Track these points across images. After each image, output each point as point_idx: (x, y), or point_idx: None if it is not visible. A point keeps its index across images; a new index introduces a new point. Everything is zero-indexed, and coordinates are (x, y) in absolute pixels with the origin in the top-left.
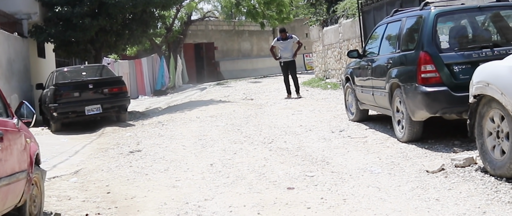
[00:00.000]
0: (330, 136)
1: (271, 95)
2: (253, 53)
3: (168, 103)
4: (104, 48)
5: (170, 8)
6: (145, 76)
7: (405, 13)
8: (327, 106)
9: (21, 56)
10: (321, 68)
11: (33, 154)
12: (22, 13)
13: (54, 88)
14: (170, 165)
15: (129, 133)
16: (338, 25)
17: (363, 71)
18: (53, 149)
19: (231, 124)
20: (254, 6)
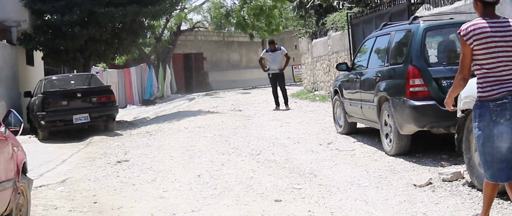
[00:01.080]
0: (318, 149)
1: (260, 106)
2: (242, 64)
3: (156, 113)
4: (93, 57)
5: (160, 18)
6: (134, 85)
7: (394, 27)
8: (315, 119)
9: (10, 64)
10: (310, 80)
11: (20, 163)
12: (11, 20)
13: (42, 96)
14: (158, 175)
15: (116, 142)
16: (327, 38)
17: (351, 84)
18: (40, 158)
19: (219, 135)
20: (243, 17)
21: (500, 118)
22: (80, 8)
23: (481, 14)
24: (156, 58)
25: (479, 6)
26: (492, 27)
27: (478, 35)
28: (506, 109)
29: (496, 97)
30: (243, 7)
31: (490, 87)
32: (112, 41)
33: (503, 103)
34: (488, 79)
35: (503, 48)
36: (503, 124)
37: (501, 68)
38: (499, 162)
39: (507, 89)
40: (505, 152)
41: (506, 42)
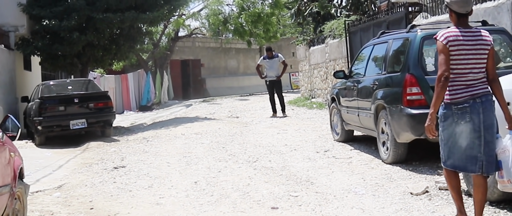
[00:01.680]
0: (315, 156)
1: (257, 113)
2: (239, 71)
3: (153, 119)
4: (90, 62)
5: (158, 24)
6: (131, 91)
7: (391, 35)
8: (312, 126)
9: (7, 69)
10: (307, 88)
11: (17, 168)
12: (9, 25)
13: (39, 102)
14: (154, 182)
15: (113, 148)
16: (324, 45)
17: (349, 92)
18: (36, 163)
19: (216, 142)
20: (241, 24)
21: (461, 120)
22: (78, 13)
23: (455, 24)
24: (153, 64)
25: (454, 17)
26: (464, 36)
27: (452, 41)
28: (466, 112)
29: (458, 101)
30: (241, 14)
31: (455, 91)
32: (110, 46)
33: (464, 107)
34: (455, 83)
35: (473, 55)
36: (463, 125)
37: (469, 73)
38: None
39: (470, 94)
40: (464, 149)
41: (476, 50)
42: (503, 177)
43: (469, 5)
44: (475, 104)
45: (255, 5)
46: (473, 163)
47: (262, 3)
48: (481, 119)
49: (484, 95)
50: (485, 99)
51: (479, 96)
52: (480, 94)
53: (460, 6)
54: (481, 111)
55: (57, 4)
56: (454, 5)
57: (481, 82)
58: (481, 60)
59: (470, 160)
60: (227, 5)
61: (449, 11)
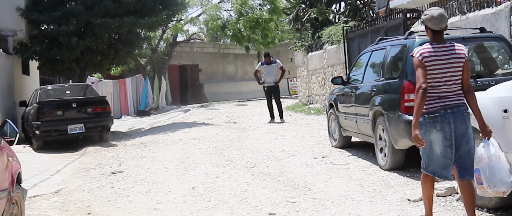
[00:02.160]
0: (312, 162)
1: (255, 119)
2: (237, 76)
3: (151, 124)
4: (89, 67)
5: (156, 29)
6: (129, 96)
7: (389, 42)
8: (310, 132)
9: (5, 73)
10: (305, 93)
11: (14, 173)
12: (7, 29)
13: (37, 106)
14: (152, 187)
15: (111, 153)
16: (322, 51)
17: (346, 98)
18: (34, 168)
19: (213, 147)
20: (239, 29)
21: (432, 129)
22: (77, 18)
23: (431, 39)
24: (151, 69)
25: (429, 33)
26: (437, 51)
27: (426, 57)
28: (437, 121)
29: (430, 110)
30: (239, 19)
31: (428, 102)
32: (108, 51)
33: (435, 116)
34: (429, 94)
35: (447, 69)
36: (435, 133)
37: (442, 86)
38: (436, 163)
39: (441, 104)
40: (439, 155)
41: (450, 63)
42: (483, 183)
43: (443, 22)
44: (445, 114)
45: (254, 10)
46: (447, 170)
47: (261, 9)
48: (452, 129)
49: (456, 106)
50: (457, 110)
51: (450, 106)
52: (452, 105)
53: (435, 23)
54: (451, 121)
55: (56, 9)
56: (429, 22)
57: (455, 93)
58: (455, 73)
59: (444, 167)
60: (225, 10)
61: (425, 28)
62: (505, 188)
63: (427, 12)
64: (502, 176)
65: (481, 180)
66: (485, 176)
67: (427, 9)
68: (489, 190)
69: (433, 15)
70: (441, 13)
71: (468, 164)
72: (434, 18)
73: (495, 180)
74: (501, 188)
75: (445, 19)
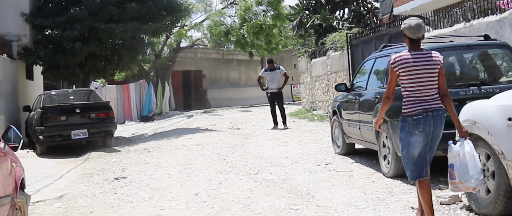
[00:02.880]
0: (316, 169)
1: (258, 125)
2: (241, 82)
3: (155, 130)
4: (92, 72)
5: (160, 35)
6: (132, 101)
7: (393, 49)
8: (313, 138)
9: (9, 78)
10: (309, 100)
11: (18, 178)
12: (12, 35)
13: (41, 111)
14: (155, 193)
15: (114, 159)
16: (326, 57)
17: (350, 105)
18: (37, 173)
19: (217, 153)
20: (243, 35)
21: (415, 130)
22: (81, 24)
23: (408, 47)
24: (155, 74)
25: (407, 41)
26: (414, 58)
27: (403, 64)
28: (420, 123)
29: (413, 113)
30: (243, 25)
31: (410, 105)
32: (112, 57)
33: (418, 119)
34: (410, 99)
35: (424, 74)
36: (417, 135)
37: (421, 90)
38: (413, 164)
39: (423, 107)
40: (417, 157)
41: (426, 70)
42: (455, 178)
43: (420, 32)
44: (427, 117)
45: (257, 16)
46: (425, 170)
47: (264, 15)
48: (431, 130)
49: (435, 109)
50: (436, 113)
51: (431, 110)
52: (432, 109)
53: (412, 32)
54: (432, 124)
55: (60, 14)
56: (407, 31)
57: (433, 98)
58: (432, 78)
59: (422, 167)
60: (229, 16)
61: (403, 36)
62: (475, 185)
63: (406, 22)
64: (474, 173)
65: (454, 175)
66: (458, 172)
67: (407, 18)
68: (460, 185)
69: (411, 25)
70: (418, 23)
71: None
72: (411, 28)
73: (466, 176)
74: (471, 184)
75: (422, 28)
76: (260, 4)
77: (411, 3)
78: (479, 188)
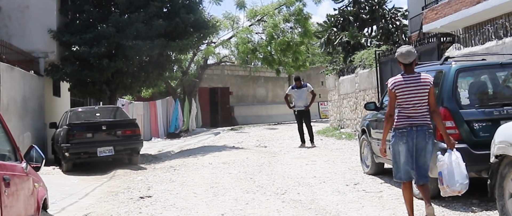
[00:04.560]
0: (344, 189)
1: (285, 143)
2: (268, 99)
3: (181, 147)
4: (119, 89)
5: (187, 52)
6: (159, 118)
7: (424, 67)
8: (341, 157)
9: (36, 94)
10: (336, 118)
11: (40, 199)
12: (39, 51)
13: (67, 128)
14: (181, 213)
15: (140, 177)
16: (354, 75)
17: (380, 124)
18: (63, 190)
19: (243, 172)
20: (270, 52)
21: (400, 141)
22: (108, 40)
23: (403, 70)
24: (182, 91)
25: (402, 66)
26: (406, 81)
27: (398, 86)
28: (404, 136)
29: (399, 127)
30: (270, 42)
31: (399, 120)
32: (139, 74)
33: (402, 132)
34: (400, 114)
35: (415, 94)
36: (402, 145)
37: (411, 108)
38: (398, 168)
39: (408, 123)
40: (403, 163)
41: (417, 90)
42: (443, 184)
43: (410, 57)
44: (411, 131)
45: (285, 33)
46: (408, 175)
47: (292, 32)
48: (414, 143)
49: (420, 125)
50: (421, 128)
51: (416, 125)
52: (417, 124)
53: (404, 58)
54: (415, 137)
55: (87, 31)
56: (399, 58)
57: (422, 115)
58: (422, 97)
59: (406, 172)
60: (256, 33)
61: (397, 61)
62: (460, 189)
63: (398, 50)
64: (459, 179)
65: (442, 181)
66: (445, 178)
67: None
68: (448, 189)
69: (402, 52)
70: (408, 50)
71: (423, 173)
72: (403, 54)
73: (452, 181)
74: (456, 188)
75: (412, 54)
76: (287, 21)
77: (440, 20)
78: (464, 191)
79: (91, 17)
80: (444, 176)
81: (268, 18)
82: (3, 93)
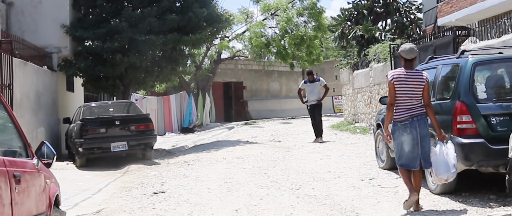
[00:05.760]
0: (359, 184)
1: (299, 137)
2: (281, 94)
3: (195, 142)
4: (132, 84)
5: (200, 46)
6: (173, 113)
7: (440, 61)
8: (356, 152)
9: (50, 90)
10: (350, 112)
11: (52, 195)
12: (52, 46)
13: (80, 123)
14: (194, 209)
15: (154, 172)
16: (369, 69)
17: None
18: (76, 186)
19: (258, 167)
20: (284, 46)
21: (404, 132)
22: (121, 35)
23: (404, 66)
24: (196, 86)
25: (403, 61)
26: (406, 76)
27: (397, 79)
28: (407, 127)
29: (401, 119)
30: (284, 36)
31: (400, 113)
32: (152, 68)
33: (405, 124)
34: (400, 107)
35: (412, 88)
36: (406, 135)
37: (409, 101)
38: (406, 158)
39: (409, 114)
40: (407, 152)
41: (414, 85)
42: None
43: (413, 53)
44: (413, 122)
45: (298, 28)
46: (415, 162)
47: (305, 26)
48: (418, 131)
49: (419, 115)
50: (420, 118)
51: (416, 116)
52: (417, 115)
53: (407, 54)
54: (417, 126)
55: (100, 26)
56: (402, 53)
57: (418, 106)
58: (418, 91)
59: (412, 160)
60: (270, 27)
61: (400, 57)
62: (446, 177)
63: (402, 46)
64: (446, 168)
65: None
66: (434, 167)
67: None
68: (436, 178)
69: (406, 48)
70: (411, 47)
71: (427, 158)
72: (406, 50)
73: (440, 170)
74: (443, 176)
75: (414, 51)
76: (301, 15)
77: (456, 13)
78: (450, 180)
79: (104, 12)
80: (435, 165)
81: (281, 12)
82: (16, 88)
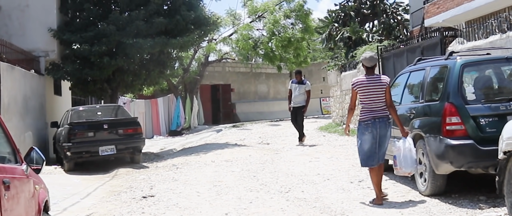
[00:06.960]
0: (349, 187)
1: (288, 139)
2: (269, 96)
3: (183, 145)
4: (120, 87)
5: (188, 49)
6: (161, 116)
7: (429, 62)
8: (345, 154)
9: (37, 94)
10: (339, 113)
11: (41, 201)
12: (40, 50)
13: (68, 127)
14: (184, 212)
15: (142, 176)
16: (356, 70)
17: None
18: (65, 190)
19: (247, 170)
20: (271, 48)
21: (365, 131)
22: (108, 39)
23: (365, 72)
24: (183, 88)
25: (364, 68)
26: (368, 81)
27: (360, 85)
28: (368, 126)
29: (364, 120)
30: (271, 38)
31: (363, 114)
32: (140, 72)
33: (367, 124)
34: (364, 109)
35: (374, 92)
36: (367, 135)
37: (372, 104)
38: (364, 155)
39: (371, 116)
40: (367, 151)
41: (376, 89)
42: (397, 165)
43: (373, 62)
44: (374, 122)
45: (286, 30)
46: (373, 159)
47: (293, 28)
48: (377, 132)
49: (381, 117)
50: (381, 119)
51: (377, 117)
52: (378, 117)
53: (368, 62)
54: (377, 127)
55: (88, 30)
56: (364, 62)
57: (381, 109)
58: (380, 95)
59: (371, 157)
60: (257, 30)
61: (362, 65)
62: (410, 170)
63: (363, 55)
64: (409, 162)
65: (396, 163)
66: (399, 161)
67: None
68: (400, 171)
69: (367, 57)
70: (371, 56)
71: (383, 155)
72: (367, 59)
73: (404, 164)
74: (407, 170)
75: (374, 59)
76: (288, 17)
77: (442, 14)
78: (413, 173)
79: (91, 16)
80: (397, 159)
81: (268, 14)
82: (4, 92)
